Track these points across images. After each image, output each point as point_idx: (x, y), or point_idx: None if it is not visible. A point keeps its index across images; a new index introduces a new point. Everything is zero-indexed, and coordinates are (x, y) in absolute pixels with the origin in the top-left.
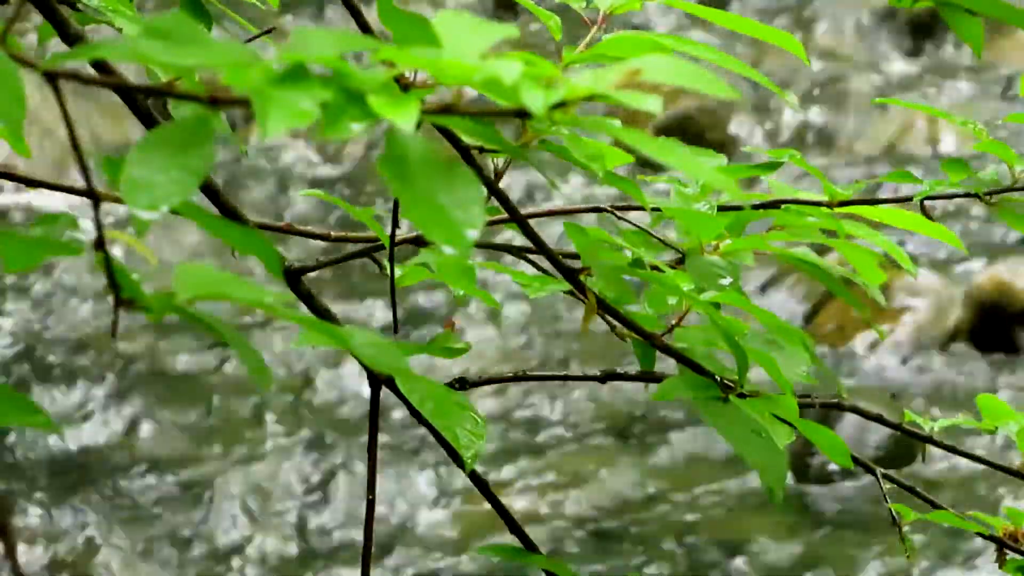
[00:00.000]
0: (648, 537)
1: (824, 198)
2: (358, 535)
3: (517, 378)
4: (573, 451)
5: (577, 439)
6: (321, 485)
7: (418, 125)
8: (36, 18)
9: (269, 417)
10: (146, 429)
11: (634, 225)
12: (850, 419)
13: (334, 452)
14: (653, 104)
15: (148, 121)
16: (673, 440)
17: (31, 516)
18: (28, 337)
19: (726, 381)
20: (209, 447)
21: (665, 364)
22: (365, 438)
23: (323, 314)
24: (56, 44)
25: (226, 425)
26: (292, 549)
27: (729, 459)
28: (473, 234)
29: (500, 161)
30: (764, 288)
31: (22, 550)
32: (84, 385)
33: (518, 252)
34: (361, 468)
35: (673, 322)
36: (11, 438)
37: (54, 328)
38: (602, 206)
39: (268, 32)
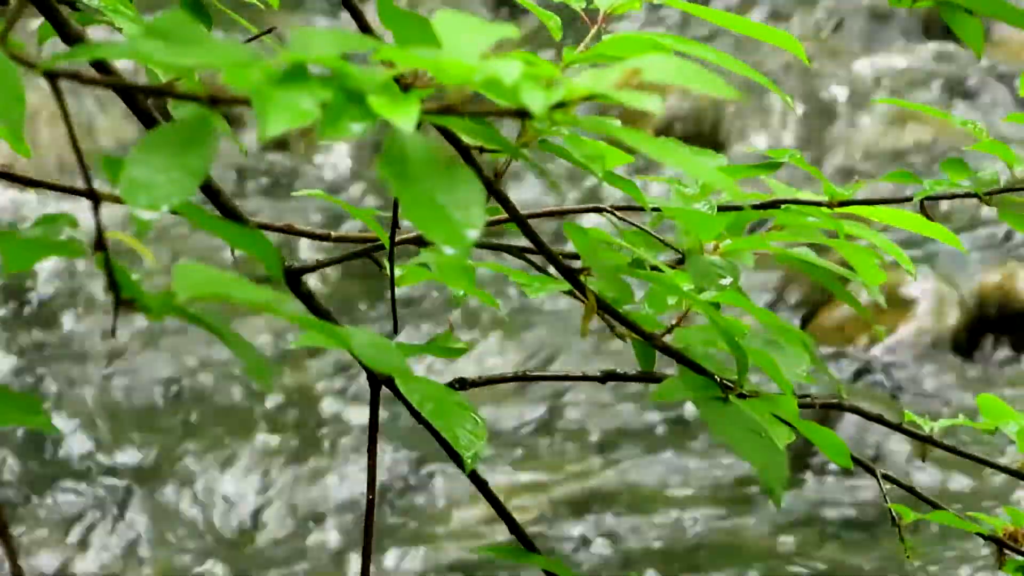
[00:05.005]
0: (646, 537)
1: (824, 198)
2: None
3: (517, 378)
4: (573, 451)
5: (578, 439)
6: (320, 485)
7: (418, 125)
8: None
9: (267, 416)
10: (143, 429)
11: (634, 225)
12: (850, 419)
13: (334, 451)
14: (653, 104)
15: (148, 121)
16: (670, 440)
17: (32, 517)
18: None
19: (726, 381)
20: (206, 446)
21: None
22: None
23: (323, 314)
24: (56, 44)
25: (224, 424)
26: (290, 548)
27: (731, 460)
28: (473, 234)
29: (500, 161)
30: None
31: (22, 550)
32: (83, 386)
33: (518, 252)
34: (361, 467)
35: (673, 322)
36: (10, 439)
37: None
38: (602, 206)
39: (268, 32)
